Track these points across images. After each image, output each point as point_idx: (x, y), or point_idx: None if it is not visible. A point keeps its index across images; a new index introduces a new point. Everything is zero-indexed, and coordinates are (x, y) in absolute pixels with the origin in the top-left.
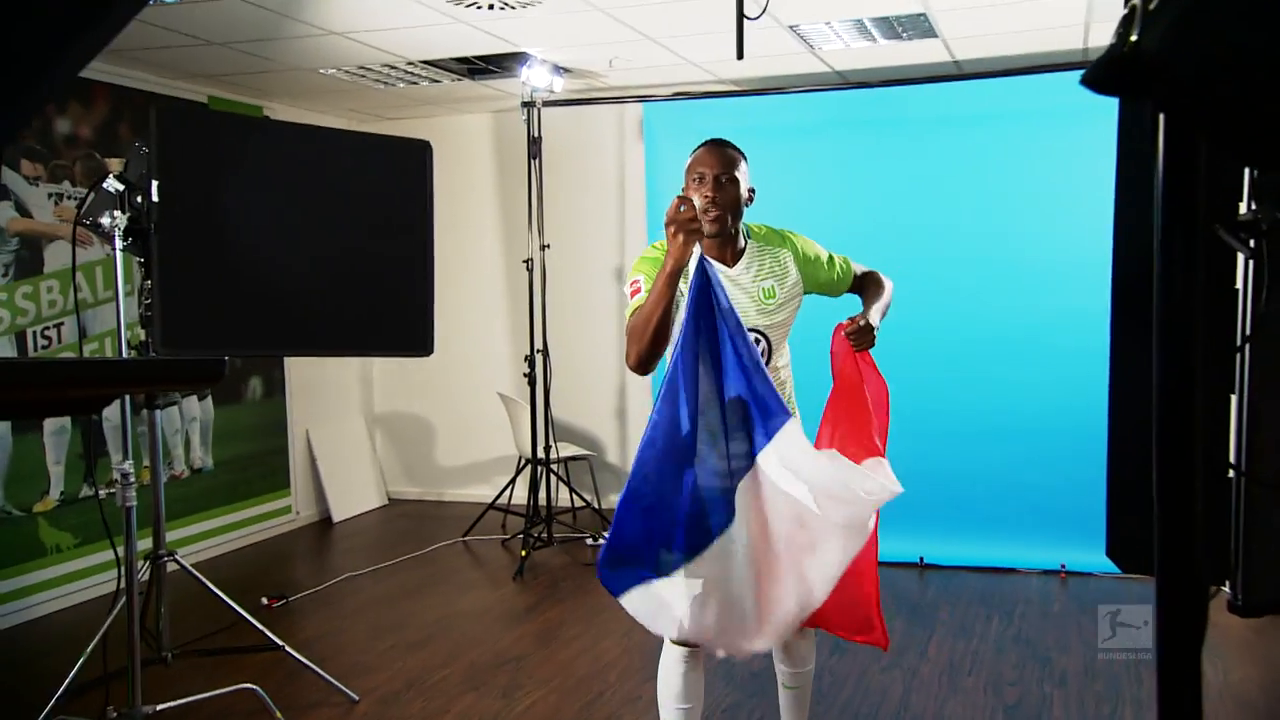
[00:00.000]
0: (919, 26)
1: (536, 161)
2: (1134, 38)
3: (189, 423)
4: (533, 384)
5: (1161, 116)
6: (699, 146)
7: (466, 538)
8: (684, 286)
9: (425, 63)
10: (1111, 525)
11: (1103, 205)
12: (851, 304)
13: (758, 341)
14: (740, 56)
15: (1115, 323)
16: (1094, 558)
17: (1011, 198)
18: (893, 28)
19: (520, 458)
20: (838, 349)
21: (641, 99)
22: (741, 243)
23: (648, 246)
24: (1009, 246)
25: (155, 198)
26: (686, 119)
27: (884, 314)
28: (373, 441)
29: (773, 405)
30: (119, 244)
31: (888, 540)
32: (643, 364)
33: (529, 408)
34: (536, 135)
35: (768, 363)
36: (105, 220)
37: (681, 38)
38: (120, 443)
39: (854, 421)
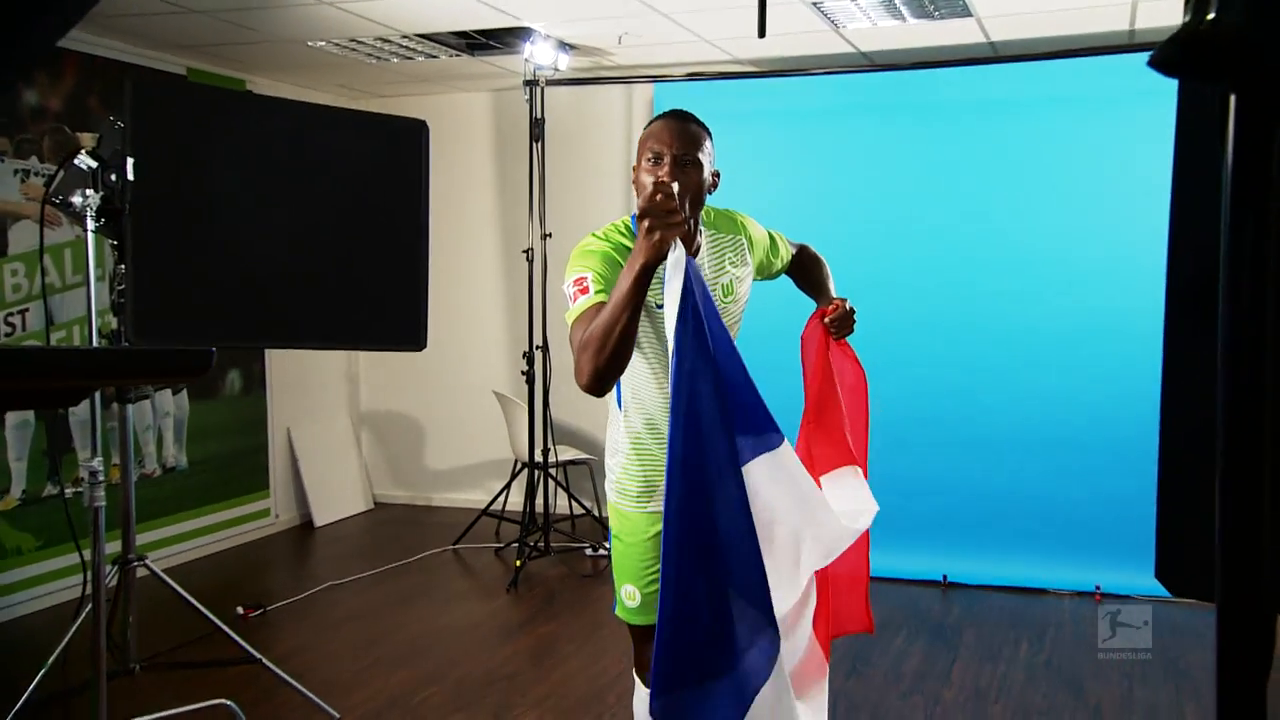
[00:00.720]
0: (952, 5)
1: (539, 144)
2: (1212, 13)
3: (162, 418)
4: (531, 382)
5: (1233, 102)
6: (654, 119)
7: (457, 546)
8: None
9: (421, 36)
10: (1162, 544)
11: (1152, 200)
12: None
13: None
14: (762, 34)
15: (1170, 326)
16: (1131, 579)
17: (1052, 191)
18: (923, 6)
19: (516, 461)
20: (811, 336)
21: (653, 79)
22: (699, 237)
23: (588, 236)
24: (1048, 244)
25: (130, 176)
26: (701, 101)
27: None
28: (358, 441)
29: (765, 422)
30: (90, 225)
31: (908, 556)
32: (600, 382)
33: (526, 408)
34: (539, 116)
35: None
36: (76, 199)
37: (697, 13)
38: (88, 439)
39: (829, 431)
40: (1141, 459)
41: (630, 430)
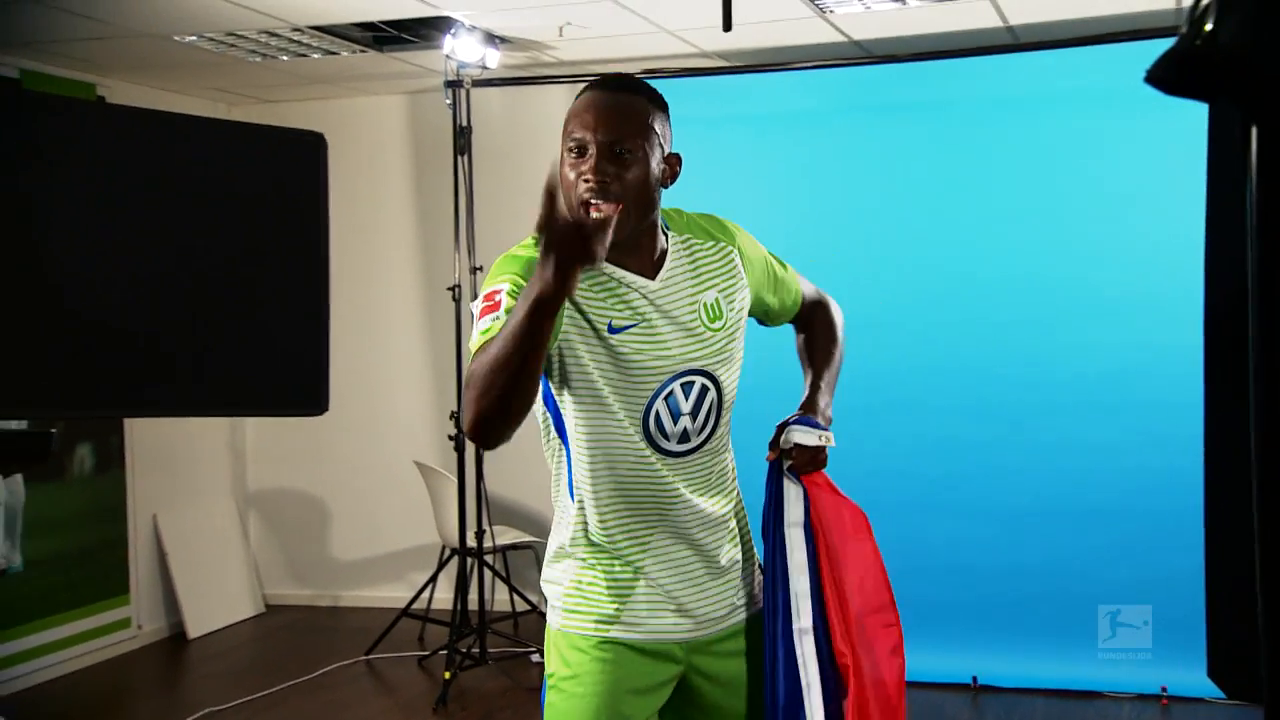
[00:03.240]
0: None
1: (465, 158)
2: (1208, 28)
3: None
4: (460, 450)
5: (1254, 126)
6: (581, 92)
7: (371, 656)
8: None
9: (317, 29)
10: (1212, 637)
11: (1200, 213)
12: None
13: (705, 391)
14: (728, 28)
15: (1209, 374)
16: (1205, 678)
17: (1081, 202)
18: None
19: (444, 547)
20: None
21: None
22: (661, 242)
23: (516, 245)
24: (1078, 267)
25: None
26: None
27: (835, 382)
28: (245, 530)
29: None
30: None
31: (932, 656)
32: (484, 431)
33: (455, 481)
34: (465, 124)
35: (715, 427)
36: None
37: None
38: None
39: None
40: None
41: (586, 526)
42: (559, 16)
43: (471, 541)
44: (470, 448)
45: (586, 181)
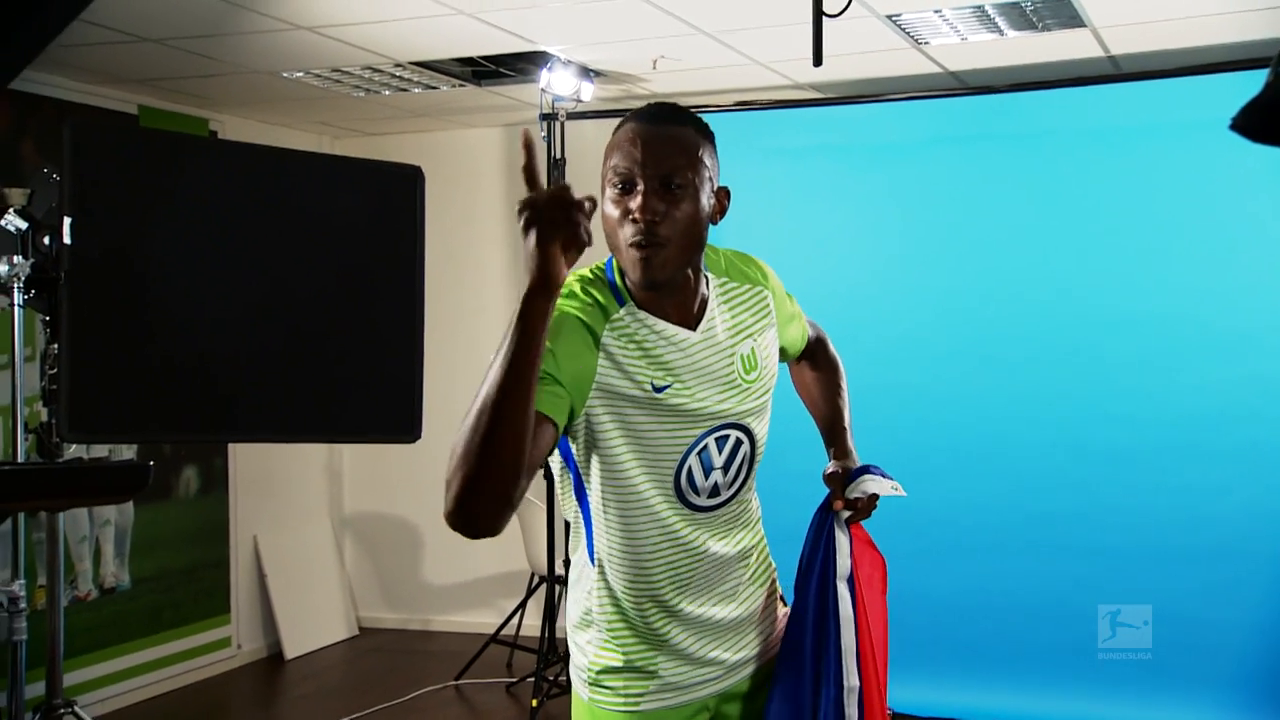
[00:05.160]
0: (1061, 13)
1: None
2: None
3: (101, 527)
4: (550, 478)
5: None
6: (623, 123)
7: (460, 681)
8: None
9: (418, 64)
10: None
11: None
12: None
13: (738, 444)
14: (818, 62)
15: None
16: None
17: (1186, 237)
18: (1025, 16)
19: (533, 575)
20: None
21: (695, 110)
22: (703, 289)
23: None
24: (1186, 303)
25: (67, 239)
26: (753, 134)
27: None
28: (340, 553)
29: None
30: (19, 297)
31: (1006, 696)
32: (465, 507)
33: (545, 509)
34: (559, 156)
35: (746, 479)
36: (2, 267)
37: (746, 31)
38: (7, 555)
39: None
40: None
41: (610, 590)
42: (652, 50)
43: (560, 569)
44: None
45: (635, 222)
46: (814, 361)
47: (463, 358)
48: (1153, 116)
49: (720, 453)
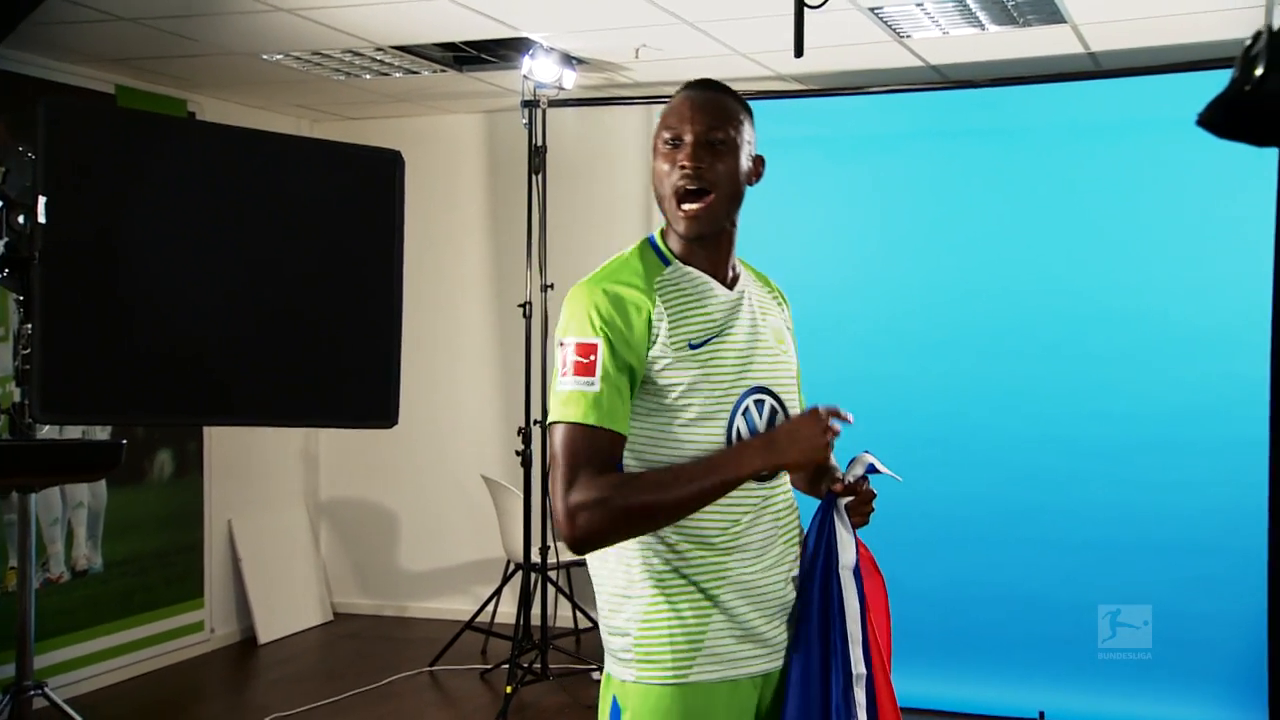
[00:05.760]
0: (1041, 9)
1: (539, 177)
2: (1258, 73)
3: (73, 509)
4: (527, 465)
5: None
6: (674, 94)
7: (435, 667)
8: None
9: (399, 49)
10: (1275, 683)
11: None
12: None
13: (774, 413)
14: (799, 53)
15: (1274, 416)
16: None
17: (1162, 234)
18: (1006, 10)
19: (509, 562)
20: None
21: None
22: (734, 260)
23: (597, 274)
24: (1165, 298)
25: (41, 218)
26: None
27: None
28: (316, 538)
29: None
30: None
31: (995, 686)
32: (602, 543)
33: (521, 496)
34: (540, 143)
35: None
36: None
37: (729, 21)
38: None
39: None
40: None
41: (652, 561)
42: (635, 39)
43: (536, 557)
44: (537, 464)
45: (683, 168)
46: None
47: (442, 345)
48: (1132, 113)
49: (760, 417)
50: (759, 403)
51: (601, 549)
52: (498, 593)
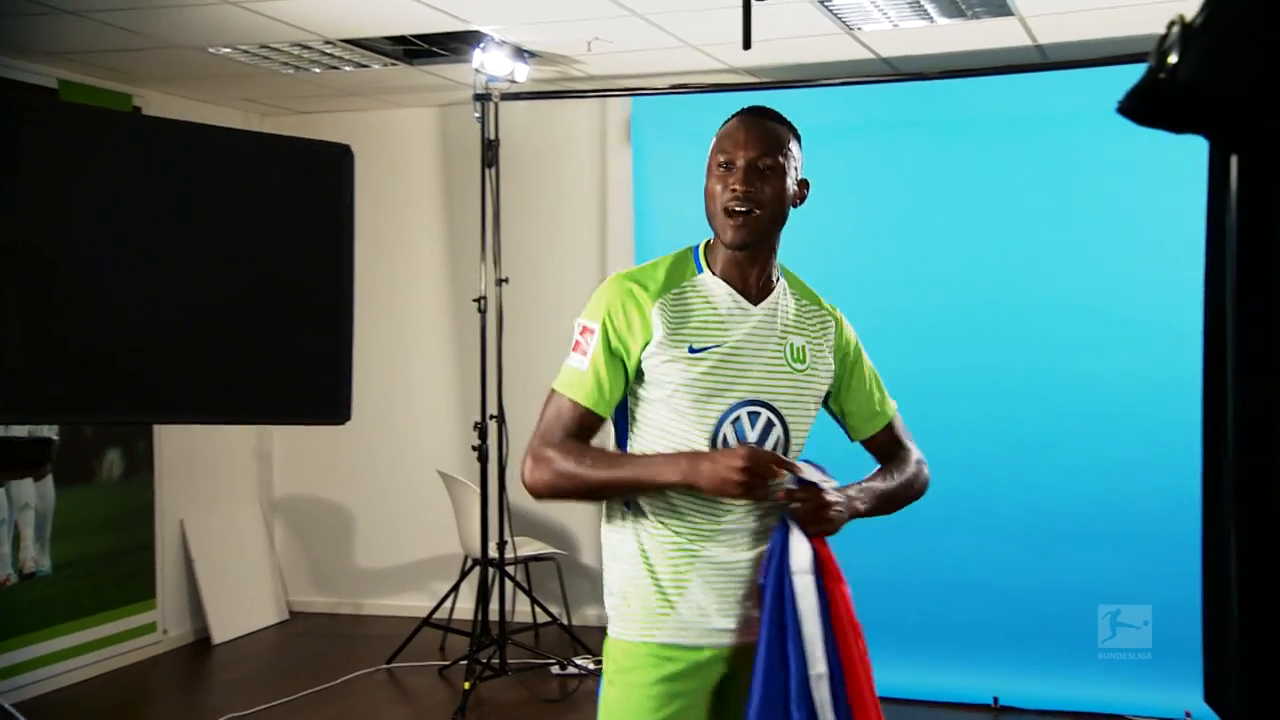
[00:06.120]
0: (990, 1)
1: (492, 171)
2: (1172, 60)
3: (20, 510)
4: (484, 460)
5: (1234, 158)
6: (729, 119)
7: (392, 665)
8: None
9: (348, 42)
10: (1209, 662)
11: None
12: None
13: (770, 425)
14: (747, 45)
15: (1206, 399)
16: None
17: (1107, 224)
18: (954, 3)
19: (466, 558)
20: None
21: (629, 92)
22: (772, 274)
23: (635, 266)
24: (1110, 289)
25: None
26: (687, 118)
27: (883, 507)
28: (270, 536)
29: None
30: None
31: (950, 673)
32: (549, 496)
33: (478, 491)
34: (493, 137)
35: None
36: None
37: (679, 13)
38: None
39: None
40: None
41: (639, 535)
42: (587, 32)
43: (493, 552)
44: (494, 459)
45: (734, 190)
46: (892, 451)
47: (397, 340)
48: (1078, 104)
49: (753, 429)
50: (753, 415)
51: (556, 501)
52: (455, 589)
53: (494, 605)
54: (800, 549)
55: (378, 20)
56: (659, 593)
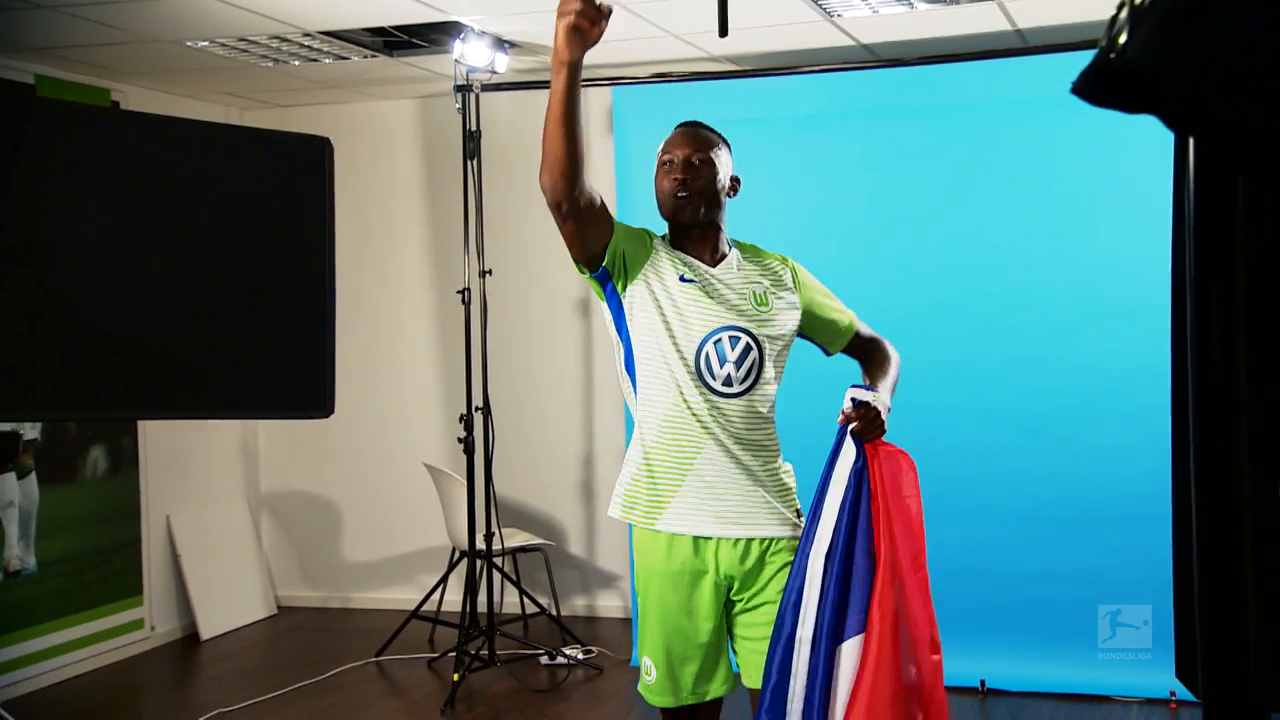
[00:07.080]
0: None
1: (474, 162)
2: (1122, 40)
3: (4, 508)
4: (470, 452)
5: (1191, 140)
6: (673, 131)
7: (381, 657)
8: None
9: (328, 34)
10: (1180, 638)
11: None
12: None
13: (748, 349)
14: (724, 33)
15: (1174, 392)
16: None
17: (1091, 207)
18: None
19: (453, 550)
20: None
21: (610, 82)
22: (725, 247)
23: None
24: (1096, 273)
25: None
26: (668, 107)
27: (893, 393)
28: (257, 531)
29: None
30: None
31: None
32: (554, 174)
33: (465, 484)
34: (474, 128)
35: (756, 381)
36: None
37: (661, 3)
38: None
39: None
40: None
41: (644, 443)
42: None
43: (481, 544)
44: (480, 451)
45: (675, 180)
46: (867, 356)
47: (381, 333)
48: (1058, 89)
49: (733, 349)
50: (734, 338)
51: (565, 175)
52: (443, 581)
53: (482, 597)
54: (847, 456)
55: (356, 12)
56: (654, 490)
